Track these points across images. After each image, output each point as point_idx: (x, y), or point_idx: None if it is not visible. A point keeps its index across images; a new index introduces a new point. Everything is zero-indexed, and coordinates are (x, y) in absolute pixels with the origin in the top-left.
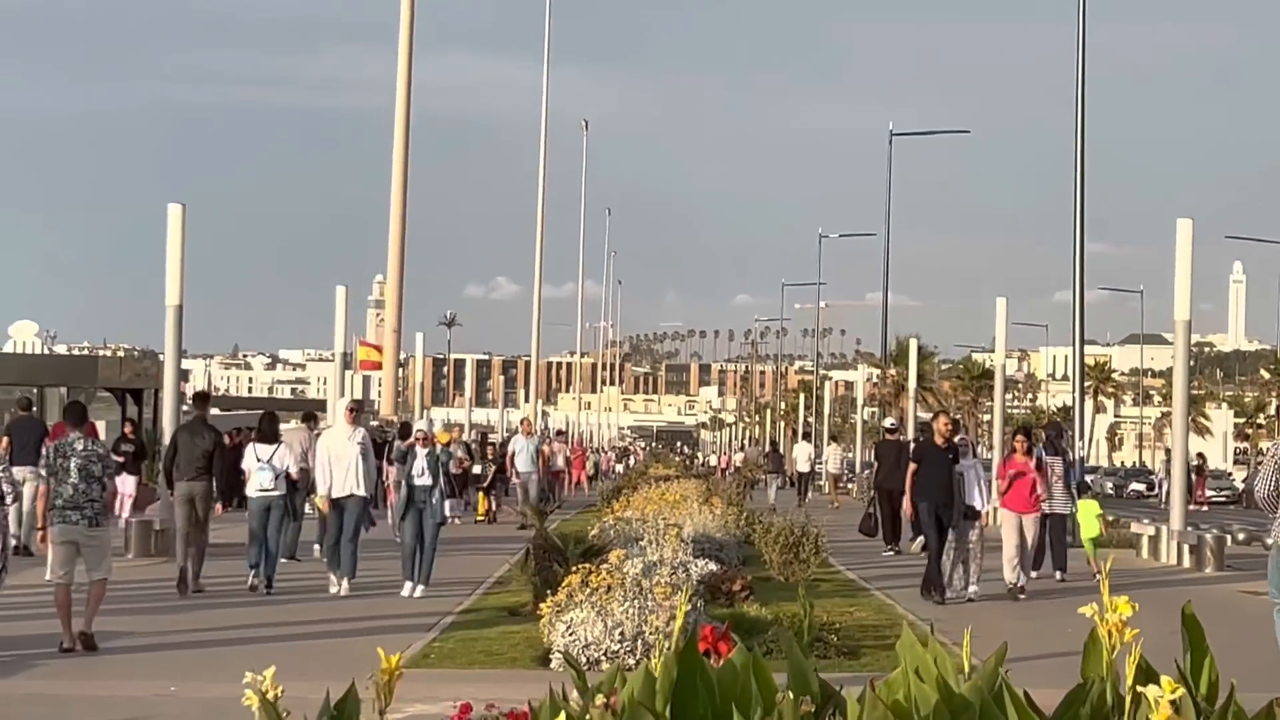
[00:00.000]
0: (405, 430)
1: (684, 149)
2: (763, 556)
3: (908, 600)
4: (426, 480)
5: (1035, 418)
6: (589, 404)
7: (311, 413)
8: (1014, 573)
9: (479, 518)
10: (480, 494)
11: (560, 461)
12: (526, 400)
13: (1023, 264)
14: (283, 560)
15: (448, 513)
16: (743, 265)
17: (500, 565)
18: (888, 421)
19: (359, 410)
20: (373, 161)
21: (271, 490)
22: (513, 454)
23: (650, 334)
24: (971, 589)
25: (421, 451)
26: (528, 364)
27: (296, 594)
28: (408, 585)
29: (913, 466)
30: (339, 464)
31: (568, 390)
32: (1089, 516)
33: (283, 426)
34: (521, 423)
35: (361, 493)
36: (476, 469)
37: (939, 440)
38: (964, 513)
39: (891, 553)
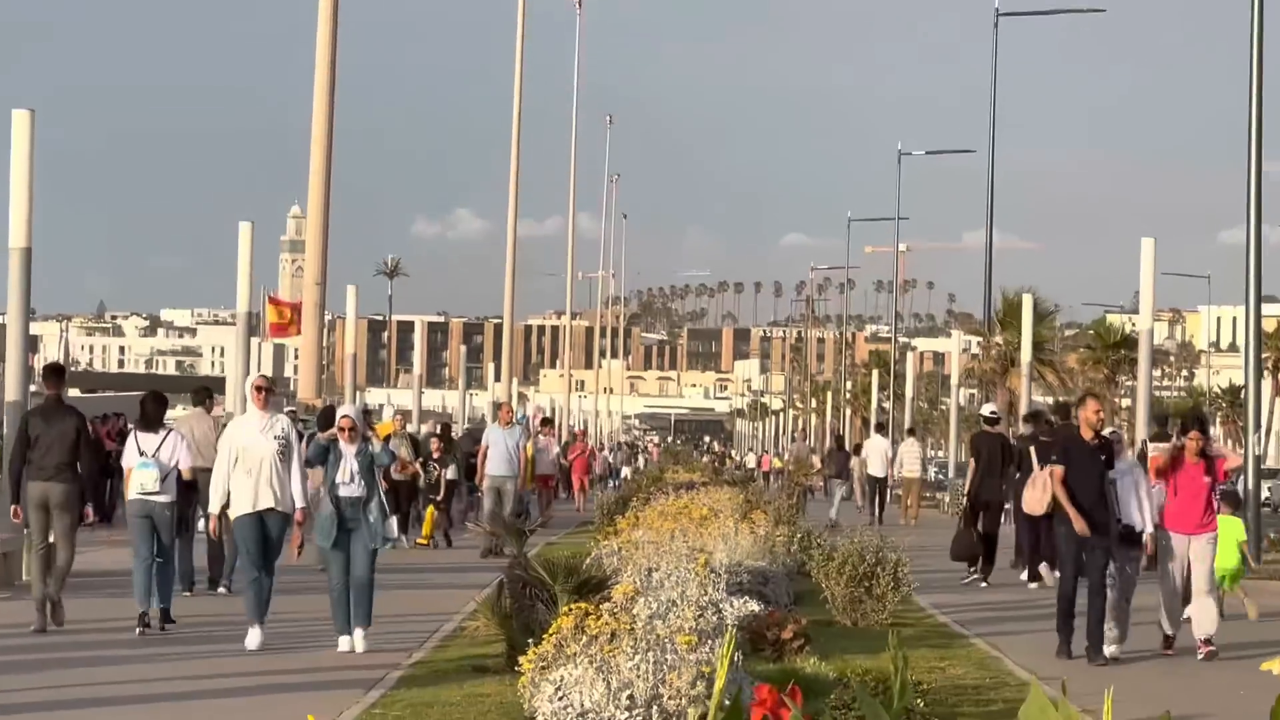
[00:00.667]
0: (327, 418)
1: (711, 34)
2: (822, 593)
3: (1019, 650)
4: (356, 490)
5: (1191, 401)
6: (582, 384)
7: (205, 388)
8: (1173, 616)
9: (421, 541)
10: (430, 508)
11: (549, 461)
12: (497, 378)
13: (1176, 193)
14: (185, 594)
15: (394, 534)
16: (794, 194)
17: (463, 604)
18: (987, 408)
19: (270, 390)
20: (292, 56)
21: (156, 495)
22: (484, 451)
23: (667, 288)
24: (1110, 648)
25: (349, 450)
26: (498, 328)
27: (194, 642)
28: (344, 640)
29: (1057, 471)
30: (249, 467)
31: (553, 365)
32: (1229, 542)
33: (172, 413)
34: (499, 409)
35: (284, 508)
36: (449, 473)
37: (1086, 434)
38: (1122, 535)
39: (1030, 584)
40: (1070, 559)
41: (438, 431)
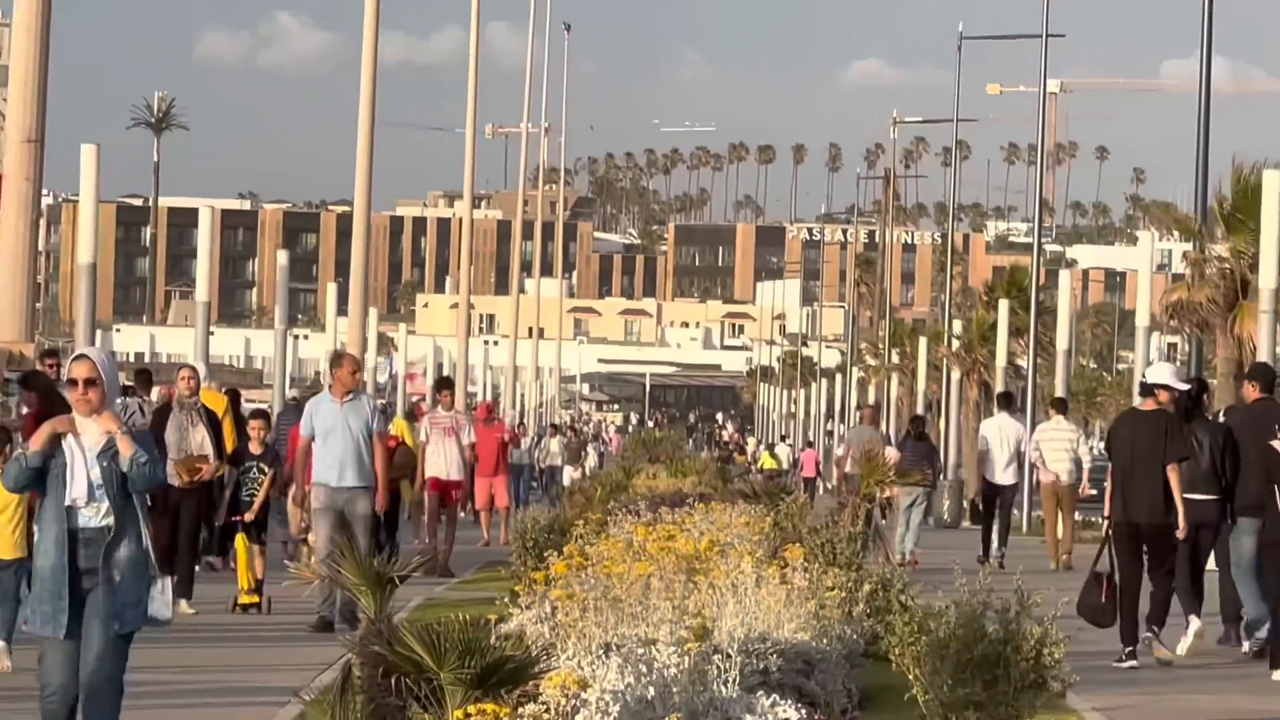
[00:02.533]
0: (39, 381)
1: None
2: (907, 689)
3: None
4: (98, 518)
5: None
6: (491, 321)
7: None
8: None
9: (245, 601)
10: (239, 540)
11: (456, 457)
12: (341, 310)
13: None
14: None
15: (164, 611)
16: None
17: (279, 709)
18: (1161, 372)
19: None
20: None
21: None
22: (302, 445)
23: (640, 155)
24: None
25: (88, 443)
26: (344, 222)
27: None
28: None
29: None
30: None
31: (439, 287)
32: None
33: None
34: (338, 364)
35: None
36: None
37: None
38: None
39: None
40: None
41: (227, 402)
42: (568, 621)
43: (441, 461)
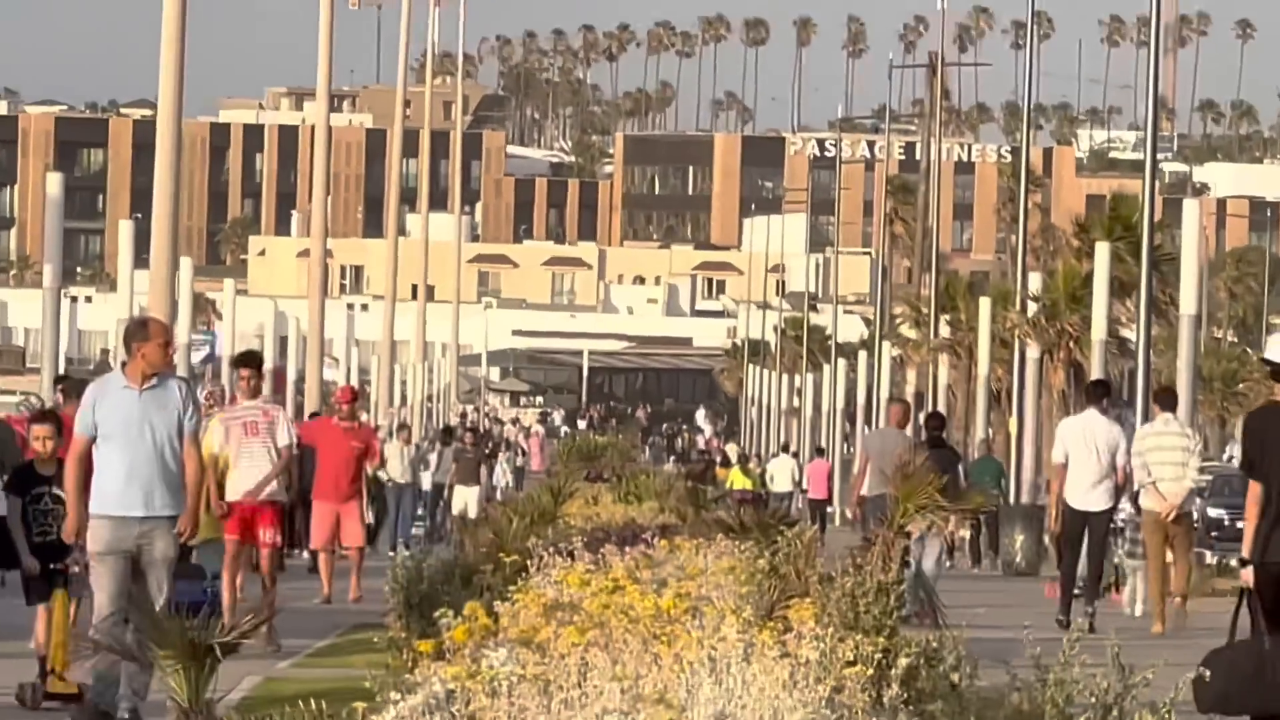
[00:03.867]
0: None
1: None
2: None
3: None
4: None
5: None
6: (358, 274)
7: None
8: None
9: (56, 690)
10: (58, 599)
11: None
12: (142, 262)
13: None
14: None
15: None
16: None
17: None
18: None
19: None
20: None
21: None
22: (76, 447)
23: (570, 34)
24: None
25: None
26: (144, 131)
27: None
28: None
29: None
30: None
31: (283, 227)
32: None
33: None
34: (140, 333)
35: None
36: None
37: None
38: None
39: None
40: None
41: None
42: (472, 712)
43: (244, 477)
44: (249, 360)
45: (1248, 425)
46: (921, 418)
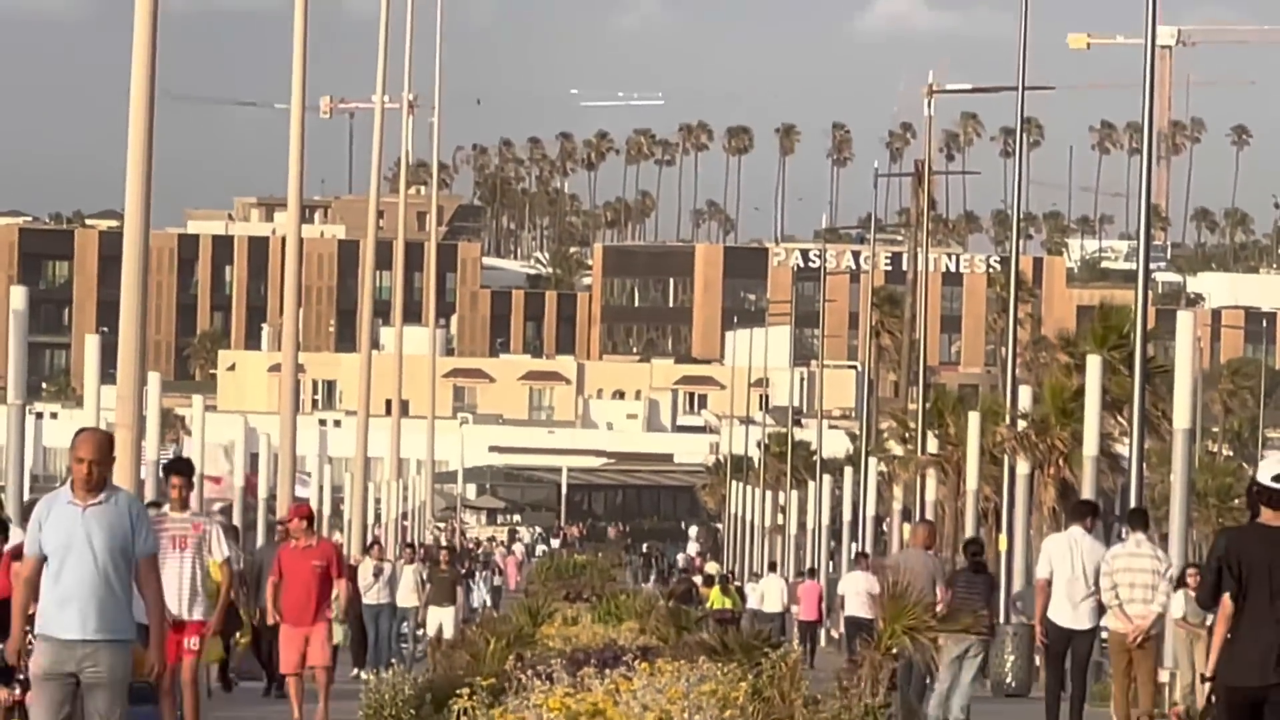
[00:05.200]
0: None
1: None
2: None
3: None
4: None
5: None
6: (330, 389)
7: None
8: None
9: None
10: None
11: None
12: (109, 377)
13: None
14: None
15: None
16: None
17: None
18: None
19: None
20: None
21: None
22: (37, 564)
23: (551, 142)
24: None
25: None
26: (111, 242)
27: None
28: None
29: None
30: None
31: (253, 342)
32: None
33: None
34: (83, 445)
35: None
36: None
37: None
38: None
39: None
40: None
41: None
42: None
43: (168, 593)
44: (180, 468)
45: (1230, 543)
46: (962, 547)
